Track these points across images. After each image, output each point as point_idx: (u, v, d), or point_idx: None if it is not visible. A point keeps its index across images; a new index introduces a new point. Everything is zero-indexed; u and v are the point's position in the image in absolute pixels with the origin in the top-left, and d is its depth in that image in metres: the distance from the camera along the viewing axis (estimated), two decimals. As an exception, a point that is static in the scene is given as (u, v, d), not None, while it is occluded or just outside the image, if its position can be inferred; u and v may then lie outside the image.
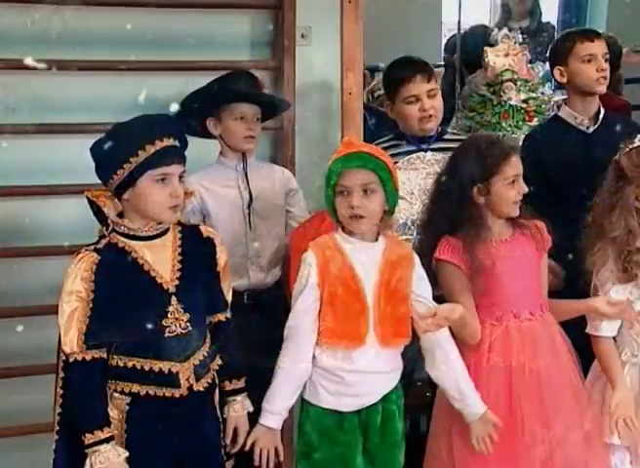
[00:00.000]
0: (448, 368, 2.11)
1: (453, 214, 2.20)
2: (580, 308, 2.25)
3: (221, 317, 2.09)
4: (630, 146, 2.19)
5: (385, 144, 2.61)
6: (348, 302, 2.04)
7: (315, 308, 2.05)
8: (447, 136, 2.60)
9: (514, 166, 2.18)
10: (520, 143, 2.69)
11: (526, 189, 2.18)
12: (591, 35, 2.59)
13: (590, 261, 2.21)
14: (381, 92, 3.58)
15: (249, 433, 2.06)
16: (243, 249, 2.46)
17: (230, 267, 2.38)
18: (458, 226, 2.19)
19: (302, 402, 2.12)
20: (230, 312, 2.12)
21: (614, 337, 2.24)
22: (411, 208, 2.52)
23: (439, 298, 2.17)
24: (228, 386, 2.09)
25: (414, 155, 2.53)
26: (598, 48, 2.56)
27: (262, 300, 2.49)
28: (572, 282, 2.39)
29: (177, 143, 1.95)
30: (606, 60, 2.57)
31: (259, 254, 2.49)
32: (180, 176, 1.97)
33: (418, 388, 2.49)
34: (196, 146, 2.50)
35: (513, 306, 2.20)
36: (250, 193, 2.47)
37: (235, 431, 2.08)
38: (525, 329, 2.19)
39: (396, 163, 2.52)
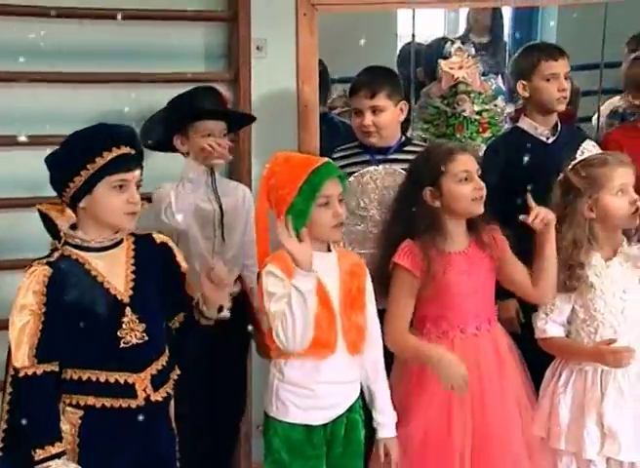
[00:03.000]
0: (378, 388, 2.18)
1: (409, 219, 2.22)
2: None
3: (182, 318, 2.06)
4: (574, 162, 2.25)
5: (347, 152, 2.65)
6: (318, 312, 2.04)
7: None
8: (408, 148, 2.60)
9: (461, 163, 2.19)
10: (482, 152, 2.73)
11: (483, 185, 2.18)
12: (555, 54, 2.63)
13: None
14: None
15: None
16: (211, 260, 2.46)
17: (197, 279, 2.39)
18: (415, 232, 2.21)
19: (268, 419, 2.11)
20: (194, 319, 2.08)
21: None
22: (363, 222, 2.53)
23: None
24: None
25: (364, 170, 2.54)
26: (561, 67, 2.60)
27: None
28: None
29: (133, 152, 1.95)
30: (567, 79, 2.62)
31: (226, 266, 2.50)
32: (138, 186, 1.97)
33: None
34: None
35: (460, 322, 2.22)
36: (220, 207, 2.49)
37: None
38: (470, 343, 2.22)
39: (354, 172, 2.56)
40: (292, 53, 2.90)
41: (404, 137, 2.66)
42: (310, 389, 2.07)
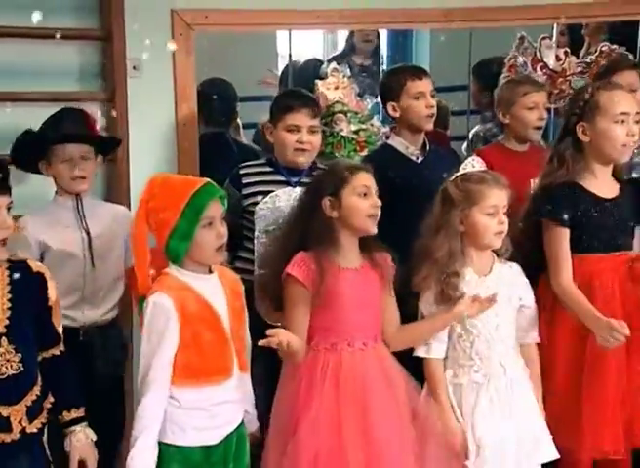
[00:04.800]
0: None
1: (305, 227, 2.24)
2: (442, 321, 2.26)
3: (56, 351, 2.04)
4: (456, 174, 2.32)
5: (256, 169, 2.65)
6: (213, 338, 2.03)
7: (174, 355, 2.01)
8: (316, 172, 2.62)
9: (363, 178, 2.24)
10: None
11: (379, 204, 2.23)
12: (420, 73, 2.74)
13: (416, 283, 2.29)
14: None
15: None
16: (81, 287, 2.43)
17: (67, 306, 2.33)
18: (310, 241, 2.23)
19: (162, 446, 2.04)
20: (65, 348, 2.06)
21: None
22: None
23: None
24: (68, 416, 2.02)
25: (281, 191, 2.55)
26: (425, 85, 2.71)
27: (98, 338, 2.46)
28: (403, 304, 2.46)
29: None
30: (433, 97, 2.73)
31: (96, 293, 2.47)
32: (9, 208, 1.91)
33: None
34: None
35: (348, 335, 2.24)
36: (88, 233, 2.44)
37: (83, 463, 2.01)
38: (357, 358, 2.24)
39: (264, 191, 2.54)
40: (169, 72, 2.90)
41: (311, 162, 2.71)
42: (207, 410, 2.06)
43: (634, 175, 2.84)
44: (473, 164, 2.33)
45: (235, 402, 2.12)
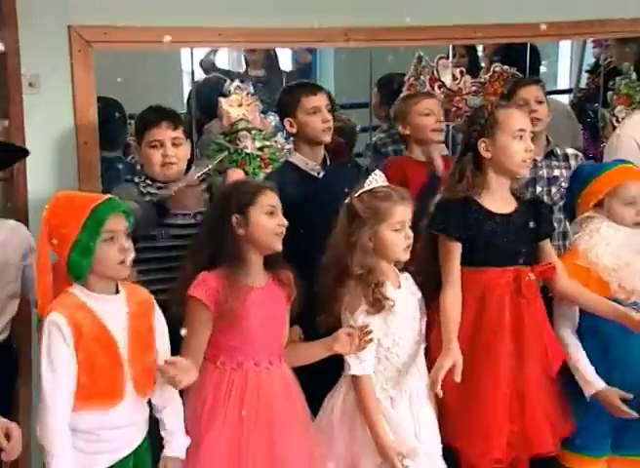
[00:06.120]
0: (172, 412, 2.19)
1: (213, 243, 2.24)
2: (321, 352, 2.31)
3: None
4: (361, 190, 2.34)
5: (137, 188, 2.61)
6: (104, 359, 2.01)
7: (74, 376, 1.99)
8: (194, 182, 2.65)
9: (269, 197, 2.27)
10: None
11: (285, 223, 2.26)
12: (314, 89, 2.79)
13: (342, 301, 2.29)
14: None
15: None
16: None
17: None
18: (220, 259, 2.23)
19: None
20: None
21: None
22: None
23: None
24: None
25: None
26: (321, 100, 2.76)
27: None
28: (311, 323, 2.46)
29: None
30: (329, 111, 2.77)
31: None
32: None
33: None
34: None
35: (255, 354, 2.25)
36: None
37: None
38: (263, 377, 2.24)
39: None
40: (68, 90, 2.84)
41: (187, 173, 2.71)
42: (95, 434, 2.03)
43: (537, 188, 2.98)
44: (377, 179, 2.36)
45: (130, 426, 2.09)
